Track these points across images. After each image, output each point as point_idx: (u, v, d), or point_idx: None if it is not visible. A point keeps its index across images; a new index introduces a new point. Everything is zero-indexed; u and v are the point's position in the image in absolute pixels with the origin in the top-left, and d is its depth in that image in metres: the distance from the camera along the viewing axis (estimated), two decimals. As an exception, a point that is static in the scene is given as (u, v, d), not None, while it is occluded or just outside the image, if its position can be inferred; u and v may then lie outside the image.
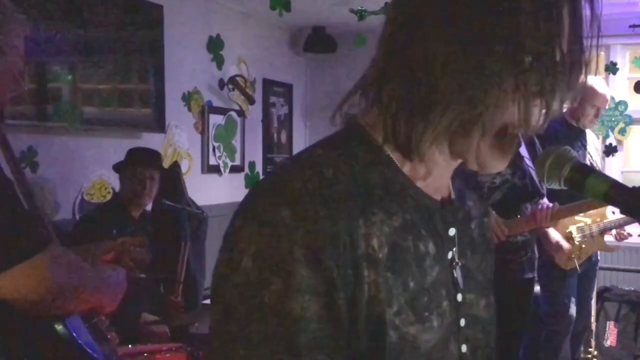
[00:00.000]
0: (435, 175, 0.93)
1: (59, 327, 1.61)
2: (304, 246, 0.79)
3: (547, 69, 0.82)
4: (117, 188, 3.81)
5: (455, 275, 0.95)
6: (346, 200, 0.83)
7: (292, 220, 0.80)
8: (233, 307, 0.81)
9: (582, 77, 0.86)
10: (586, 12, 0.85)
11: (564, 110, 0.91)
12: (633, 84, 5.37)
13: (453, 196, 0.99)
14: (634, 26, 5.50)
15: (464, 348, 0.95)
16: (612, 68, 5.72)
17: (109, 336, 1.92)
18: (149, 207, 4.10)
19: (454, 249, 0.95)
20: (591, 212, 4.05)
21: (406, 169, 0.91)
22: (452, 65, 0.82)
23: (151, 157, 3.71)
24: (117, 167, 3.66)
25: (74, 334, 1.64)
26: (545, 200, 3.81)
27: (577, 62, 0.85)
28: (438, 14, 0.84)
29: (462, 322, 0.95)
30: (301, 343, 0.79)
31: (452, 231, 0.95)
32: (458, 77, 0.82)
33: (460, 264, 0.96)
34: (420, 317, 0.88)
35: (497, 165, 0.90)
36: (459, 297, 0.95)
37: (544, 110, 0.85)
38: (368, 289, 0.83)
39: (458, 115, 0.84)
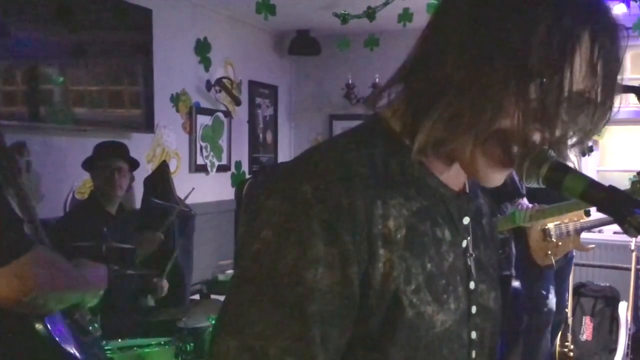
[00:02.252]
0: (451, 171, 0.95)
1: (39, 327, 1.62)
2: (322, 220, 0.81)
3: (549, 96, 0.82)
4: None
5: (469, 263, 0.97)
6: (365, 182, 0.85)
7: (312, 195, 0.82)
8: (249, 272, 0.83)
9: (596, 119, 0.86)
10: (610, 55, 0.84)
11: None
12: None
13: (467, 190, 1.02)
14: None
15: (473, 334, 0.97)
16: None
17: (89, 329, 1.96)
18: (135, 205, 4.19)
19: (468, 238, 0.98)
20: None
21: (424, 159, 0.93)
22: (460, 66, 0.84)
23: (116, 149, 3.64)
24: (86, 165, 3.61)
25: (53, 333, 1.65)
26: (524, 200, 3.92)
27: (589, 103, 0.85)
28: (460, 23, 0.86)
29: (474, 309, 0.97)
30: (312, 312, 0.80)
31: (466, 220, 0.98)
32: (463, 78, 0.84)
33: (473, 255, 0.98)
34: (437, 298, 0.90)
35: (493, 179, 0.92)
36: (472, 285, 0.97)
37: (547, 136, 0.85)
38: (383, 266, 0.85)
39: (455, 110, 0.85)
